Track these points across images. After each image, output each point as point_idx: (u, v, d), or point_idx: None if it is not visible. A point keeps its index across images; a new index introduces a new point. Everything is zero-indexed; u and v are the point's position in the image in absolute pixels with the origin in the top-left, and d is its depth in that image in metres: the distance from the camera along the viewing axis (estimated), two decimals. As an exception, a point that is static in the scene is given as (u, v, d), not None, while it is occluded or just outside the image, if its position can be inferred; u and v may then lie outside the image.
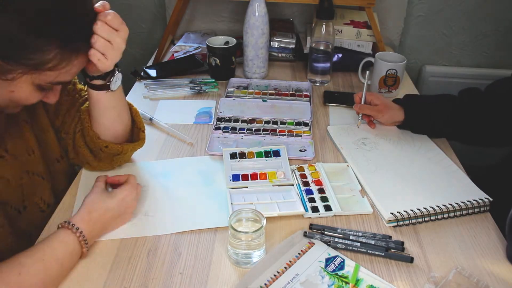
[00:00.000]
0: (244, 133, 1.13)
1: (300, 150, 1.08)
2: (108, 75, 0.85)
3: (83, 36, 0.74)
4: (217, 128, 1.15)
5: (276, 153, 1.04)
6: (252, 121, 1.18)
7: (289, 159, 1.04)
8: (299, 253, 0.80)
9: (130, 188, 0.86)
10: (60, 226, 0.78)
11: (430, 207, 0.89)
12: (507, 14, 1.63)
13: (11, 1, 0.64)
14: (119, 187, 0.86)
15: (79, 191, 0.94)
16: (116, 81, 0.87)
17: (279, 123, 1.17)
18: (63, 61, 0.71)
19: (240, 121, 1.18)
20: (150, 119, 1.18)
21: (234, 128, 1.15)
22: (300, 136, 1.13)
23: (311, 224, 0.87)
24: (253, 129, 1.15)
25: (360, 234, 0.85)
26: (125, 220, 0.87)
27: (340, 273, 0.77)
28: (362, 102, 1.16)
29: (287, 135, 1.13)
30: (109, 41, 0.76)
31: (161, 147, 1.09)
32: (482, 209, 0.92)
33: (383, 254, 0.81)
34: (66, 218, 0.82)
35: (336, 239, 0.83)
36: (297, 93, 1.33)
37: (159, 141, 1.11)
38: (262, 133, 1.14)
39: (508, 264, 0.81)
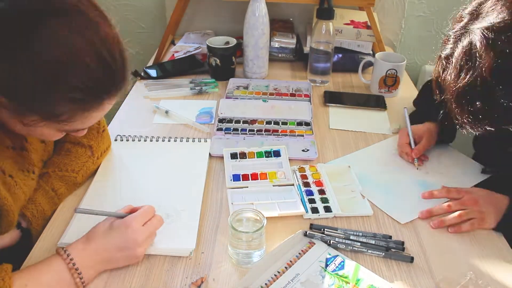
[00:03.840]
0: (246, 134, 1.14)
1: (303, 150, 1.08)
2: None
3: (100, 92, 0.68)
4: (219, 129, 1.14)
5: (277, 153, 1.04)
6: (253, 121, 1.18)
7: (292, 159, 1.04)
8: (299, 253, 0.80)
9: (140, 216, 0.77)
10: (56, 251, 0.73)
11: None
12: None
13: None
14: (129, 215, 0.78)
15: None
16: None
17: (280, 123, 1.17)
18: (76, 115, 0.68)
19: (241, 122, 1.18)
20: (166, 111, 1.21)
21: (236, 129, 1.15)
22: (302, 136, 1.13)
23: (311, 224, 0.87)
24: (255, 129, 1.15)
25: (361, 234, 0.85)
26: (135, 256, 0.76)
27: (340, 273, 0.77)
28: (412, 144, 1.06)
29: (289, 135, 1.13)
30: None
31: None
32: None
33: (383, 254, 0.81)
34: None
35: (337, 239, 0.83)
36: (297, 93, 1.33)
37: (173, 134, 1.14)
38: (264, 133, 1.14)
39: (509, 263, 0.81)
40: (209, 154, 1.06)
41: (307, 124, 1.17)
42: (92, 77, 0.65)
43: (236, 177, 0.98)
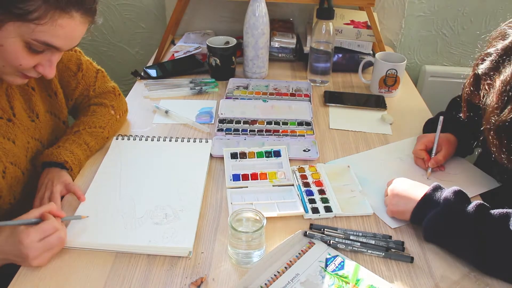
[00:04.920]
0: (247, 134, 1.14)
1: (304, 150, 1.08)
2: None
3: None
4: (220, 130, 1.14)
5: (277, 153, 1.04)
6: (253, 122, 1.18)
7: (293, 159, 1.04)
8: (299, 253, 0.80)
9: (34, 232, 0.75)
10: None
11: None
12: (508, 14, 1.63)
13: None
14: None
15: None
16: None
17: (280, 123, 1.17)
18: (46, 15, 0.71)
19: (242, 123, 1.18)
20: (166, 111, 1.21)
21: (236, 130, 1.15)
22: (303, 136, 1.13)
23: (311, 224, 0.87)
24: (256, 130, 1.15)
25: (360, 234, 0.85)
26: (32, 266, 0.76)
27: (340, 273, 0.77)
28: (434, 153, 1.01)
29: (290, 136, 1.13)
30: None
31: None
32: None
33: (383, 254, 0.81)
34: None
35: (336, 239, 0.83)
36: (297, 93, 1.33)
37: (172, 134, 1.15)
38: (265, 133, 1.14)
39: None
40: (210, 154, 1.06)
41: (308, 124, 1.17)
42: None
43: (236, 177, 0.98)
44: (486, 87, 0.72)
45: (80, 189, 0.90)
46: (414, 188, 0.86)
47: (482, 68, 0.74)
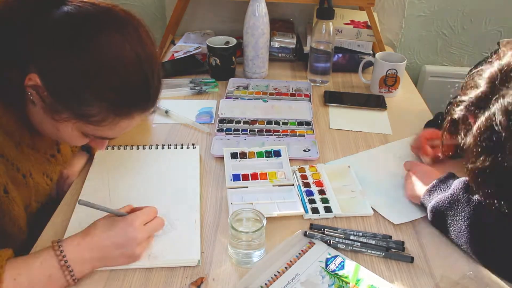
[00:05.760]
0: (247, 134, 1.13)
1: (304, 150, 1.08)
2: None
3: (134, 103, 0.74)
4: (220, 130, 1.14)
5: (277, 153, 1.04)
6: (253, 122, 1.18)
7: (293, 159, 1.04)
8: (299, 253, 0.80)
9: (142, 215, 0.77)
10: (51, 244, 0.73)
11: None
12: (508, 14, 1.63)
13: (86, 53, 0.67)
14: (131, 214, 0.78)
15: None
16: None
17: (280, 123, 1.17)
18: (107, 119, 0.72)
19: (242, 123, 1.18)
20: (166, 111, 1.21)
21: (236, 130, 1.15)
22: (303, 136, 1.13)
23: (311, 224, 0.87)
24: (256, 130, 1.15)
25: (361, 234, 0.85)
26: (133, 255, 0.75)
27: (340, 273, 0.77)
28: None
29: (290, 136, 1.13)
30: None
31: (174, 140, 1.13)
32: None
33: (383, 254, 0.81)
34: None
35: (337, 239, 0.83)
36: (297, 93, 1.33)
37: (172, 134, 1.15)
38: (265, 133, 1.14)
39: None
40: (211, 154, 1.06)
41: (308, 124, 1.17)
42: (129, 85, 0.71)
43: (236, 177, 0.98)
44: (463, 132, 0.72)
45: None
46: (430, 173, 0.91)
47: (458, 112, 0.73)
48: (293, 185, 0.96)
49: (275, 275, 0.76)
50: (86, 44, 0.67)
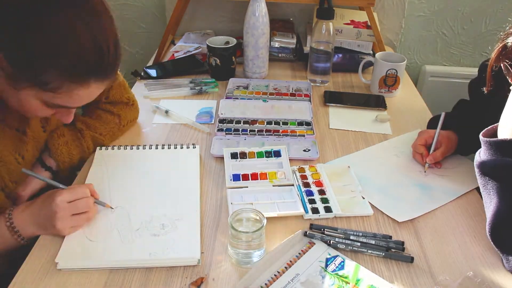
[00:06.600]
0: (247, 134, 1.13)
1: (304, 150, 1.08)
2: None
3: (88, 71, 0.75)
4: (220, 130, 1.14)
5: (277, 153, 1.04)
6: (253, 122, 1.18)
7: (293, 159, 1.04)
8: (299, 253, 0.80)
9: (66, 193, 0.81)
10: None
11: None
12: (508, 14, 1.63)
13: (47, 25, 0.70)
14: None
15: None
16: None
17: (280, 123, 1.17)
18: (62, 86, 0.74)
19: (242, 123, 1.18)
20: (166, 111, 1.21)
21: (236, 130, 1.15)
22: (303, 136, 1.13)
23: (311, 224, 0.87)
24: (256, 130, 1.15)
25: (361, 234, 0.85)
26: (55, 228, 0.80)
27: (340, 273, 0.77)
28: (433, 149, 1.02)
29: (290, 136, 1.13)
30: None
31: (174, 140, 1.13)
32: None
33: (383, 254, 0.81)
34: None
35: (337, 239, 0.83)
36: (297, 93, 1.33)
37: (172, 134, 1.15)
38: (265, 133, 1.14)
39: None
40: (211, 154, 1.06)
41: (308, 124, 1.17)
42: (84, 55, 0.73)
43: (236, 177, 0.98)
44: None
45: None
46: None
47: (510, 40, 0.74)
48: (293, 185, 0.96)
49: (275, 275, 0.76)
50: (39, 15, 0.69)
